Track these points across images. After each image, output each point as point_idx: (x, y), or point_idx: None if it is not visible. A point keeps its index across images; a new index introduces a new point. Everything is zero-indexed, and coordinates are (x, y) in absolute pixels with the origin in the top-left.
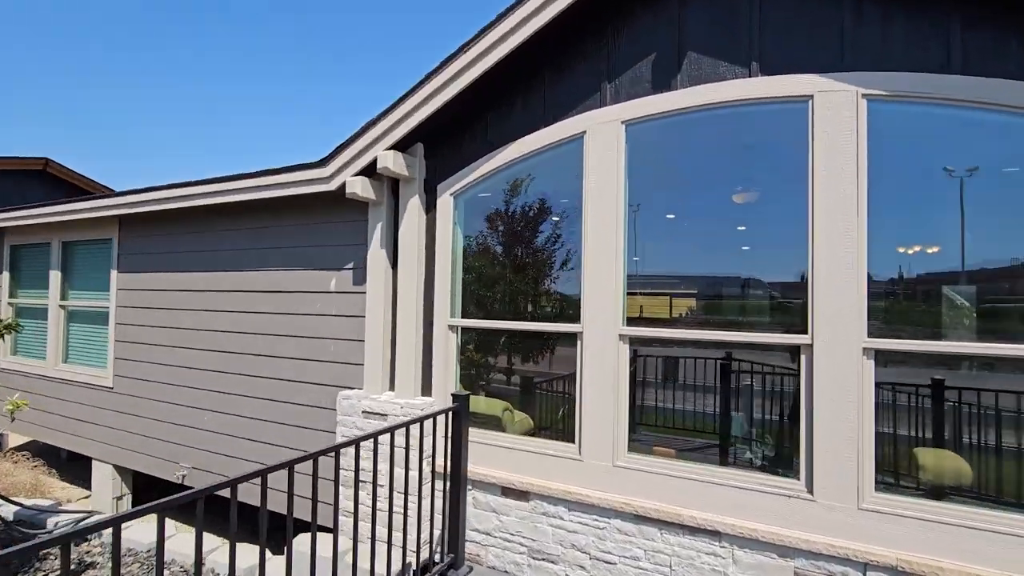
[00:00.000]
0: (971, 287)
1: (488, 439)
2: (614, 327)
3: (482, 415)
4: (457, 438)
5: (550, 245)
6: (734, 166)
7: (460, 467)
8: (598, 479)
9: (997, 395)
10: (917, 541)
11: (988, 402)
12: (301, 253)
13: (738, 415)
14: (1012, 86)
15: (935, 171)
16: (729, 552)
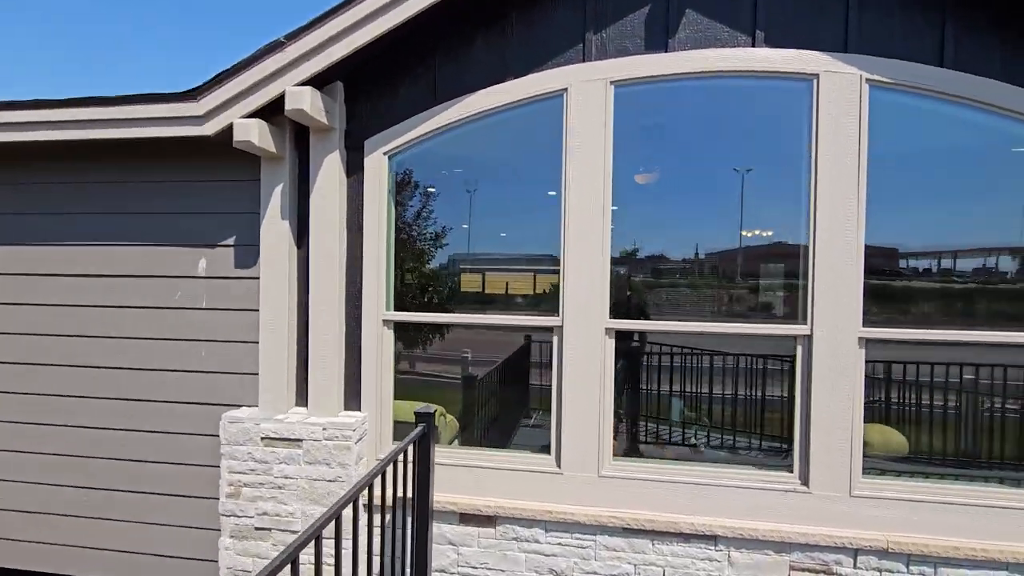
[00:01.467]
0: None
1: (438, 457)
2: (599, 320)
3: (407, 424)
4: (425, 469)
5: (518, 222)
6: (724, 141)
7: (428, 503)
8: (581, 493)
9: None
10: (905, 522)
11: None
12: (150, 223)
13: (677, 401)
14: (997, 86)
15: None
16: (725, 555)
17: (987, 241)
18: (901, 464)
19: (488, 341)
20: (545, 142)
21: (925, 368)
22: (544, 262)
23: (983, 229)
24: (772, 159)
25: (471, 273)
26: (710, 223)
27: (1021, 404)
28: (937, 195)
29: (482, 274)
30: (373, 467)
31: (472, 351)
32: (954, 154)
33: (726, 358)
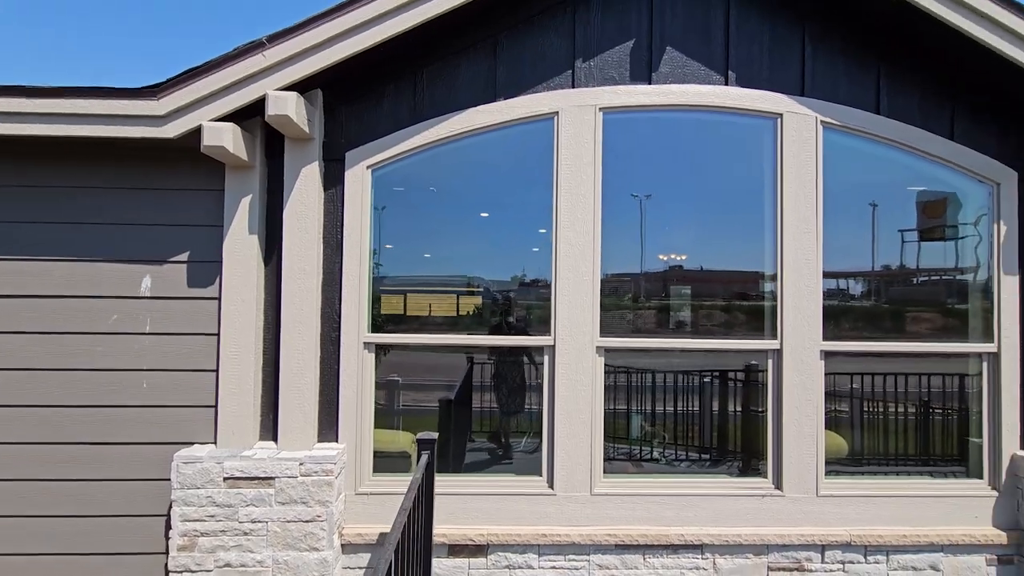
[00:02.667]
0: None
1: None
2: (591, 338)
3: (384, 454)
4: (428, 500)
5: (505, 242)
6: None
7: (431, 537)
8: (575, 513)
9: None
10: (862, 516)
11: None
12: (83, 234)
13: (637, 416)
14: (915, 132)
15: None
16: (711, 563)
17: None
18: (844, 465)
19: (419, 365)
20: (534, 163)
21: (852, 378)
22: (535, 286)
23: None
24: (735, 189)
25: (441, 295)
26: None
27: (943, 408)
28: (861, 222)
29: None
30: (406, 499)
31: (401, 376)
32: (881, 188)
33: (677, 376)
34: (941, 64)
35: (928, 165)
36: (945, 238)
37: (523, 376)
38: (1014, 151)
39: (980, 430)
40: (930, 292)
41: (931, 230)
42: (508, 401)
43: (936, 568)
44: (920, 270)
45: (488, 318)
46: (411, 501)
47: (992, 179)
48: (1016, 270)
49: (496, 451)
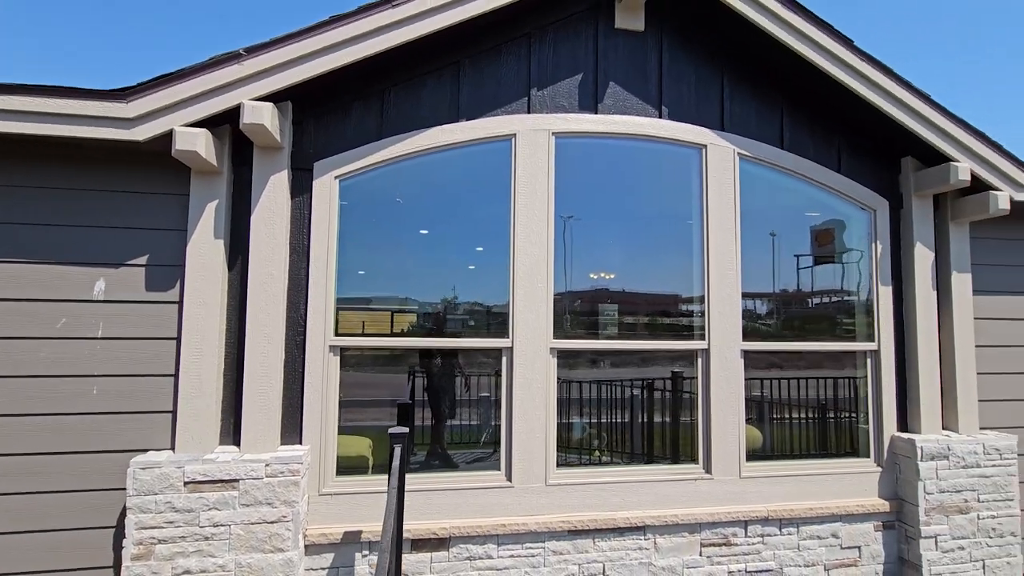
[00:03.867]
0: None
1: (376, 484)
2: (545, 340)
3: (343, 457)
4: (401, 494)
5: (463, 253)
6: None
7: (401, 531)
8: (532, 503)
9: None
10: (777, 494)
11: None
12: (36, 235)
13: (580, 421)
14: (811, 165)
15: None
16: (652, 542)
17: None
18: (760, 452)
19: (348, 383)
20: (484, 182)
21: (763, 383)
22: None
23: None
24: (668, 210)
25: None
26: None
27: (838, 405)
28: (766, 244)
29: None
30: (390, 496)
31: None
32: (785, 212)
33: (612, 386)
34: (830, 108)
35: (822, 193)
36: (834, 261)
37: (455, 391)
38: (886, 184)
39: (867, 417)
40: (824, 304)
41: (822, 255)
42: (448, 413)
43: (836, 536)
44: (815, 291)
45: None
46: (395, 501)
47: (870, 206)
48: (890, 281)
49: (440, 460)
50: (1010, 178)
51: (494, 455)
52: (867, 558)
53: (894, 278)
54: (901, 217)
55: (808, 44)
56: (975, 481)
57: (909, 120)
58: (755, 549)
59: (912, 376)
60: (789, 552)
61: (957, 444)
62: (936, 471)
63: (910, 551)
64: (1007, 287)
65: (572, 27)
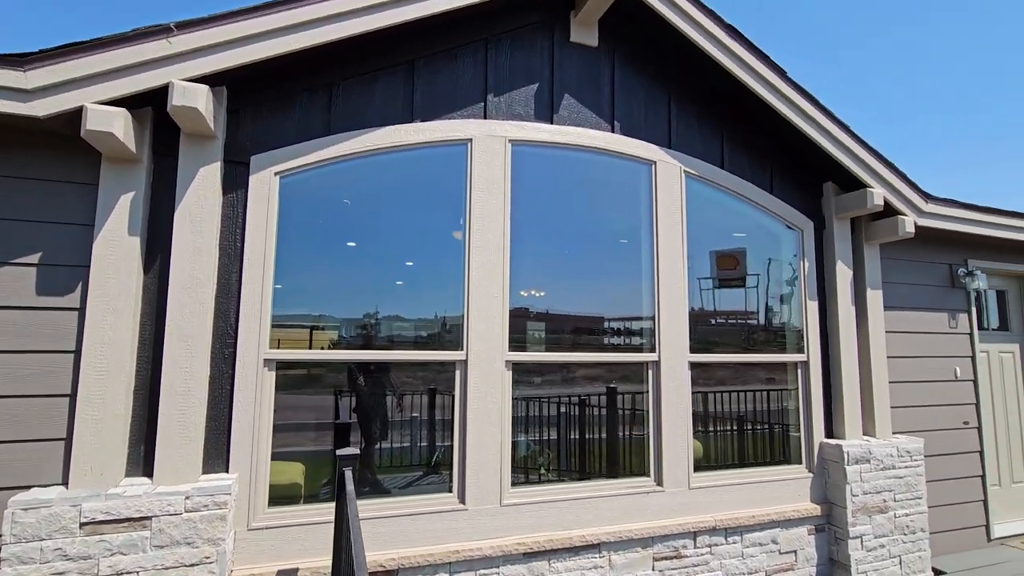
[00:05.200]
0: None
1: (313, 515)
2: (500, 352)
3: (274, 487)
4: (345, 524)
5: (415, 261)
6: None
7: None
8: (486, 525)
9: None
10: (721, 503)
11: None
12: None
13: (525, 438)
14: (748, 185)
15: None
16: (607, 560)
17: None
18: (704, 464)
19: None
20: (425, 190)
21: (704, 397)
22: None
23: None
24: (620, 224)
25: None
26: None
27: (773, 417)
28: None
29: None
30: (349, 526)
31: None
32: (724, 230)
33: (550, 402)
34: (764, 133)
35: (756, 213)
36: (741, 285)
37: (386, 411)
38: (811, 205)
39: (799, 426)
40: (759, 322)
41: (726, 279)
42: (381, 434)
43: (776, 541)
44: (750, 310)
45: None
46: (358, 530)
47: (798, 226)
48: (816, 296)
49: (370, 487)
50: (914, 205)
51: (429, 479)
52: (802, 561)
53: (820, 294)
54: (824, 238)
55: (747, 71)
56: (892, 482)
57: (831, 147)
58: (704, 560)
59: (837, 385)
60: (734, 561)
61: (877, 448)
62: (860, 474)
63: (839, 552)
64: (911, 304)
65: (529, 36)
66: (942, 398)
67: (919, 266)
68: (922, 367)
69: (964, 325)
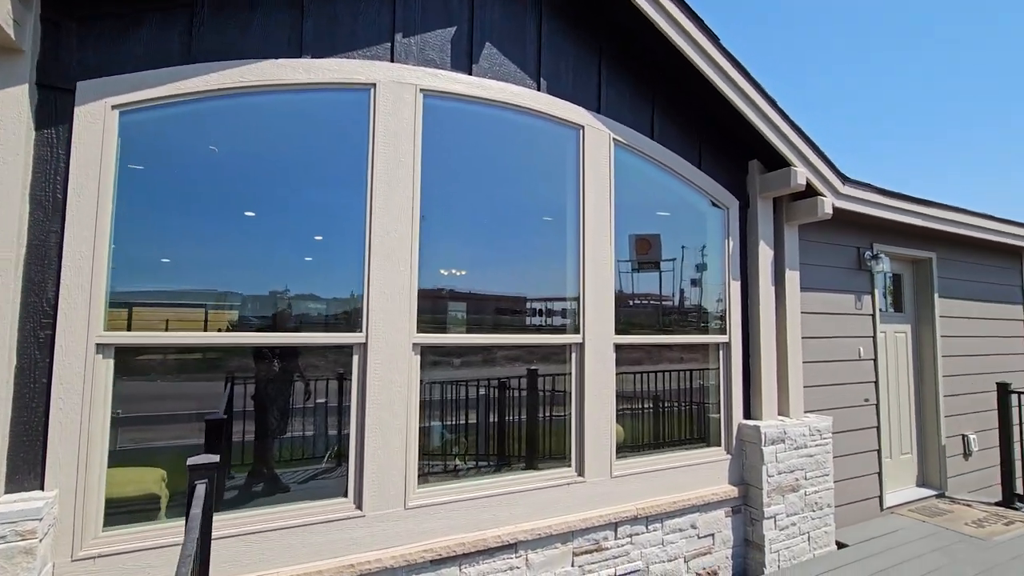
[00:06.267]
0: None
1: (171, 534)
2: (407, 335)
3: (118, 501)
4: (206, 546)
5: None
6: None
7: None
8: (388, 532)
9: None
10: (643, 490)
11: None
12: None
13: (439, 425)
14: (676, 158)
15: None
16: (523, 559)
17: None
18: (625, 449)
19: (143, 395)
20: (325, 149)
21: (624, 378)
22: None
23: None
24: (542, 193)
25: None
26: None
27: (695, 398)
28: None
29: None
30: (187, 552)
31: (121, 409)
32: (652, 206)
33: (467, 385)
34: (694, 104)
35: (684, 187)
36: (656, 268)
37: (289, 399)
38: (737, 183)
39: (719, 407)
40: (681, 304)
41: (644, 261)
42: (279, 426)
43: (695, 526)
44: (674, 291)
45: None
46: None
47: (724, 204)
48: (739, 277)
49: (267, 484)
50: (833, 187)
51: (329, 475)
52: (719, 544)
53: (742, 274)
54: (748, 217)
55: (679, 32)
56: (804, 461)
57: (759, 121)
58: (624, 551)
59: (756, 366)
60: (655, 549)
61: (791, 428)
62: (776, 455)
63: (754, 532)
64: (823, 285)
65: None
66: (847, 377)
67: (831, 248)
68: (831, 347)
69: (868, 306)
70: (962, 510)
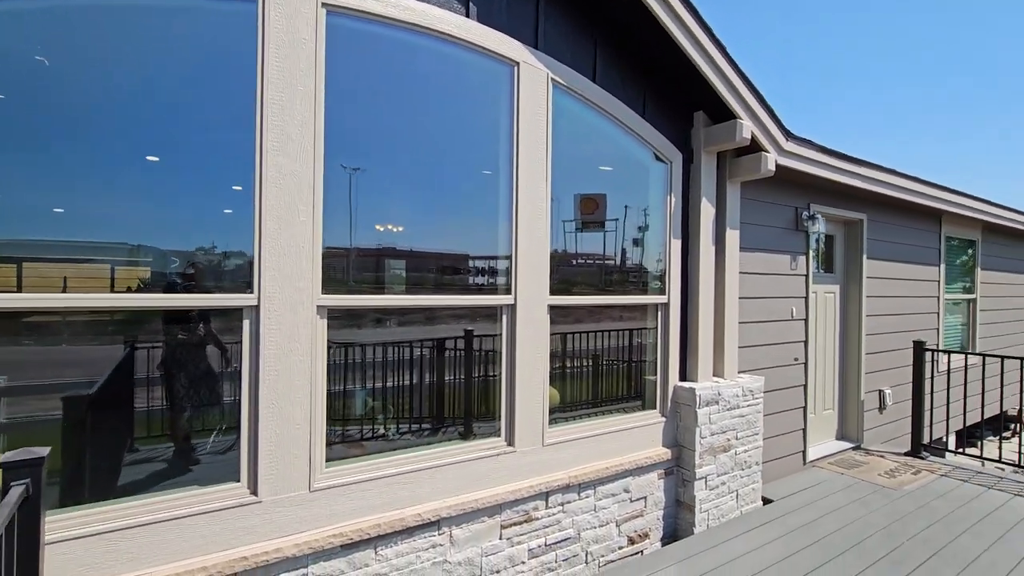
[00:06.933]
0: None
1: (57, 529)
2: (310, 295)
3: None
4: (32, 555)
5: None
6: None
7: None
8: (290, 518)
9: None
10: (576, 456)
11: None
12: None
13: (361, 391)
14: (620, 105)
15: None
16: (447, 536)
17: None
18: (559, 414)
19: (42, 360)
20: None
21: (564, 338)
22: None
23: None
24: (471, 136)
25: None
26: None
27: (633, 358)
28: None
29: None
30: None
31: (8, 376)
32: (584, 163)
33: (400, 348)
34: (641, 47)
35: (627, 138)
36: (601, 228)
37: (199, 366)
38: (682, 136)
39: (656, 369)
40: (622, 263)
41: (588, 221)
42: (187, 395)
43: (628, 490)
44: (613, 250)
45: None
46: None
47: (668, 158)
48: (680, 235)
49: (173, 461)
50: (777, 142)
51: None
52: (651, 506)
53: (683, 232)
54: (691, 172)
55: None
56: (736, 421)
57: (705, 66)
58: (555, 520)
59: (693, 327)
60: (586, 516)
61: (725, 389)
62: (709, 416)
63: (686, 493)
64: (761, 245)
65: None
66: (780, 337)
67: (770, 207)
68: (766, 308)
69: (802, 267)
70: (876, 461)
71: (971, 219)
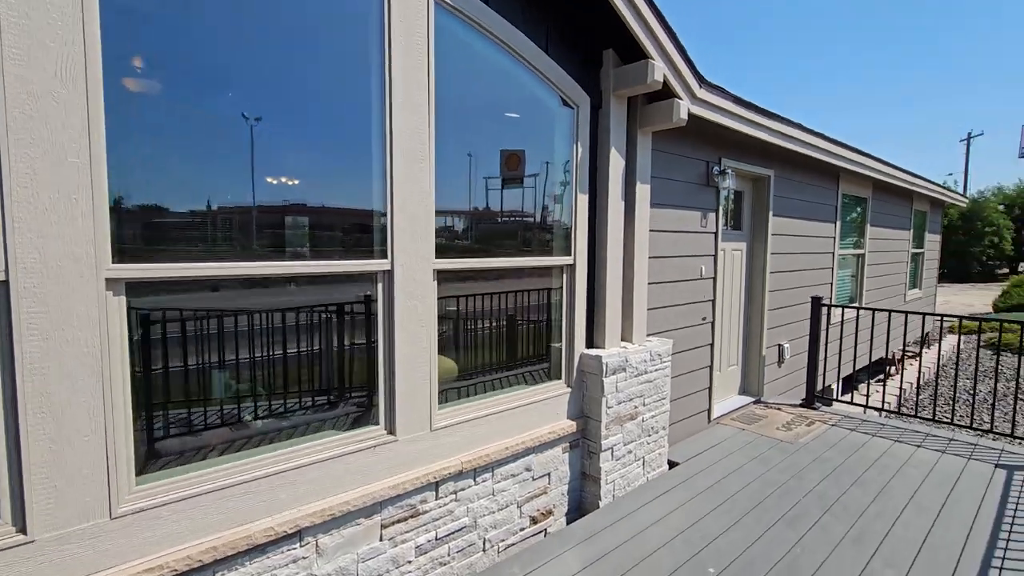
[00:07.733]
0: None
1: None
2: (90, 268)
3: None
4: None
5: None
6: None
7: None
8: (78, 561)
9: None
10: (471, 439)
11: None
12: None
13: (218, 373)
14: (521, 38)
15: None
16: (311, 547)
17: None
18: (455, 387)
19: None
20: None
21: (458, 301)
22: None
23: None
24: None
25: None
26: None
27: (538, 324)
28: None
29: None
30: None
31: None
32: (486, 108)
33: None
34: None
35: (530, 78)
36: (522, 185)
37: None
38: (589, 78)
39: (561, 336)
40: (536, 221)
41: (511, 178)
42: None
43: (530, 469)
44: (512, 210)
45: None
46: None
47: (575, 102)
48: (587, 189)
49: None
50: (690, 89)
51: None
52: (555, 482)
53: (591, 186)
54: (599, 119)
55: None
56: (644, 388)
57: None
58: (447, 510)
59: (601, 289)
60: (483, 501)
61: (633, 355)
62: (616, 384)
63: (591, 465)
64: (672, 201)
65: None
66: (689, 297)
67: (681, 161)
68: (675, 267)
69: (712, 224)
70: (774, 414)
71: (865, 177)
